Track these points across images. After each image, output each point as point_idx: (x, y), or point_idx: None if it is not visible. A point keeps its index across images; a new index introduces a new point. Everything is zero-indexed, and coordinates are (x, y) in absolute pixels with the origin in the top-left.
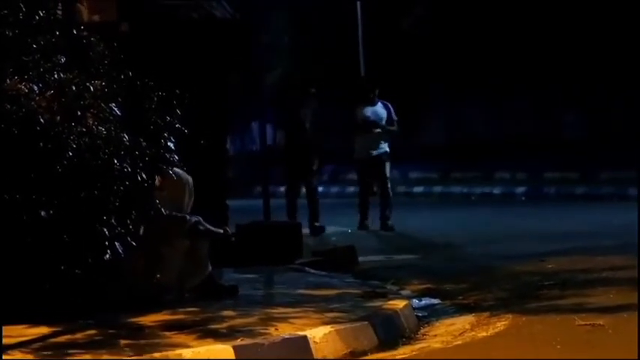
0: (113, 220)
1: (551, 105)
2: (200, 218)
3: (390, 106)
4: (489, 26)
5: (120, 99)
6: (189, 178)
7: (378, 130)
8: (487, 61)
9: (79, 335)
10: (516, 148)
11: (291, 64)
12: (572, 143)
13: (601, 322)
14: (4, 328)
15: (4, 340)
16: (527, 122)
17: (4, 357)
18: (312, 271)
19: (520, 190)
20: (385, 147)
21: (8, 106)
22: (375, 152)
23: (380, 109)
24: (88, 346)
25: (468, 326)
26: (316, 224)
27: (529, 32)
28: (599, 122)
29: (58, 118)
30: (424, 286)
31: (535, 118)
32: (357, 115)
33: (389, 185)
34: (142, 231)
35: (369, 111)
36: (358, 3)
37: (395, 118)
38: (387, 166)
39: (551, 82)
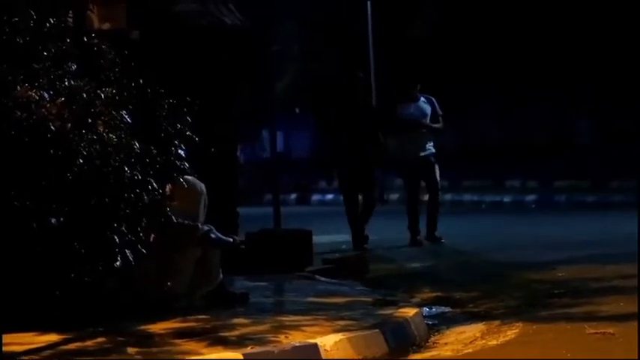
0: (124, 228)
1: (563, 112)
2: (212, 227)
3: (433, 100)
4: (500, 32)
5: (130, 106)
6: (204, 189)
7: (423, 130)
8: (497, 68)
9: (89, 343)
10: (527, 155)
11: (301, 72)
12: (584, 150)
13: (611, 331)
14: (14, 335)
15: (15, 348)
16: (538, 130)
17: None
18: (323, 279)
19: (530, 198)
20: (431, 148)
21: (19, 114)
22: (422, 153)
23: (423, 105)
24: (98, 353)
25: (478, 334)
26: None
27: (540, 38)
28: (611, 129)
29: (69, 125)
30: (435, 294)
31: (546, 125)
32: (398, 112)
33: (439, 192)
34: (153, 238)
35: (411, 107)
36: (369, 3)
37: (440, 113)
38: (437, 169)
39: (563, 89)
